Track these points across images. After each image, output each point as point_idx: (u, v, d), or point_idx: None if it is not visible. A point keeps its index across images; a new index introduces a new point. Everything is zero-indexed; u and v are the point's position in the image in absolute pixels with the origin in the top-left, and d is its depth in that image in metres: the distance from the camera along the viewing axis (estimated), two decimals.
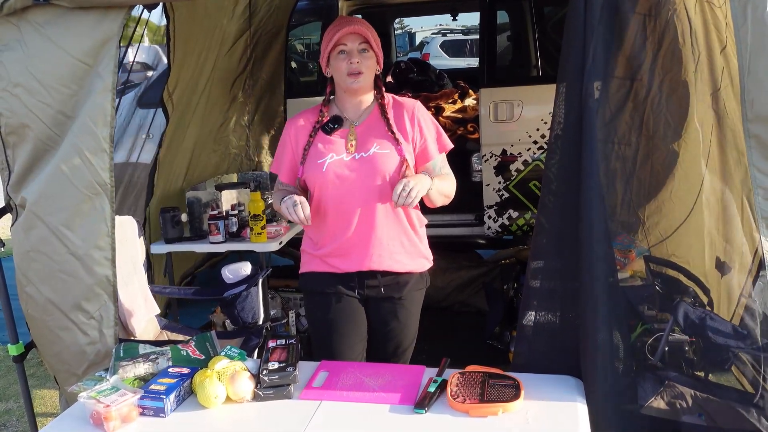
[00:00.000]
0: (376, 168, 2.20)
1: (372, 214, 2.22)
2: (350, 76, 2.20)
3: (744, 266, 2.66)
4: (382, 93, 2.32)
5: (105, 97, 2.16)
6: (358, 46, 2.20)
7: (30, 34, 2.15)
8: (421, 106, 2.35)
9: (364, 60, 2.20)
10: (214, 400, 1.86)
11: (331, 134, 2.26)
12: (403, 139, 2.25)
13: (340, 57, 2.20)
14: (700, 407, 2.19)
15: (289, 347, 2.10)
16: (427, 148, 2.30)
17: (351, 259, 2.27)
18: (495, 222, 4.50)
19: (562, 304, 2.03)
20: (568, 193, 1.98)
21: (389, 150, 2.23)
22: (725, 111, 2.59)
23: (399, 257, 2.29)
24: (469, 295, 4.68)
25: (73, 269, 2.27)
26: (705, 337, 2.32)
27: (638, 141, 2.60)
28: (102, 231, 2.26)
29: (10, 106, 2.21)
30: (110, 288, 2.31)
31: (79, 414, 1.87)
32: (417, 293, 2.39)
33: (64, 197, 2.22)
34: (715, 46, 2.50)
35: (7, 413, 3.68)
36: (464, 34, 15.68)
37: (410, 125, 2.28)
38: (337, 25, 2.22)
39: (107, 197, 2.24)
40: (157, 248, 3.95)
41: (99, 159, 2.20)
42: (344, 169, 2.21)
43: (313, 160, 2.24)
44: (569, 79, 1.96)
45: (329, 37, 2.22)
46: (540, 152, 4.30)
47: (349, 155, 2.22)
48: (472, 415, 1.75)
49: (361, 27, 2.21)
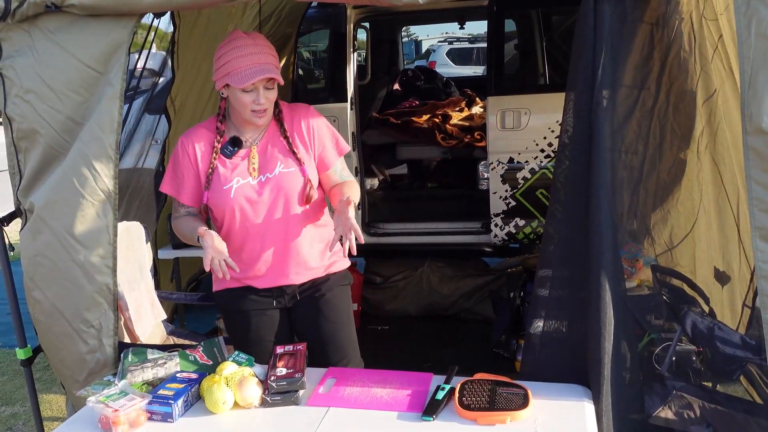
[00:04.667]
0: (282, 187, 2.17)
1: (284, 233, 2.20)
2: (255, 113, 2.11)
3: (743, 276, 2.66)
4: (279, 107, 2.23)
5: (113, 104, 2.17)
6: (265, 85, 2.09)
7: (41, 41, 2.16)
8: (313, 110, 2.29)
9: (270, 95, 2.11)
10: (222, 406, 1.86)
11: (231, 157, 2.19)
12: (305, 153, 2.21)
13: (246, 95, 2.08)
14: (708, 418, 2.18)
15: (296, 353, 2.10)
16: (326, 156, 2.26)
17: (266, 278, 2.25)
18: (502, 230, 4.49)
19: (570, 313, 2.03)
20: (576, 202, 1.98)
21: (293, 168, 2.19)
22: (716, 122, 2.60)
23: (315, 264, 2.27)
24: (475, 303, 4.67)
25: (75, 276, 2.27)
26: (713, 347, 2.31)
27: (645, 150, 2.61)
28: (104, 239, 2.25)
29: (21, 111, 2.22)
30: (110, 297, 2.30)
31: (87, 418, 1.87)
32: (340, 288, 2.34)
33: (68, 203, 2.22)
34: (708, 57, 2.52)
35: (14, 417, 3.68)
36: (470, 43, 15.72)
37: (307, 135, 2.23)
38: (242, 56, 2.04)
39: (110, 205, 2.24)
40: (165, 253, 3.96)
41: (104, 166, 2.20)
42: (252, 192, 2.16)
43: (218, 186, 2.17)
44: (578, 88, 1.96)
45: (232, 67, 2.05)
46: (547, 161, 4.30)
47: (254, 179, 2.17)
48: (480, 423, 1.75)
49: (271, 66, 2.06)
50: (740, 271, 2.69)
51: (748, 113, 1.69)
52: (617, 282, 1.93)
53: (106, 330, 2.31)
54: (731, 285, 2.73)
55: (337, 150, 2.29)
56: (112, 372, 2.22)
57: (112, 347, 2.32)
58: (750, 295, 2.63)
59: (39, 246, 2.30)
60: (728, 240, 2.71)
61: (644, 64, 2.39)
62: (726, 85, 2.55)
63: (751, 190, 1.73)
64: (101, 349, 2.32)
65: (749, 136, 1.70)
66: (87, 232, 2.24)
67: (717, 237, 2.75)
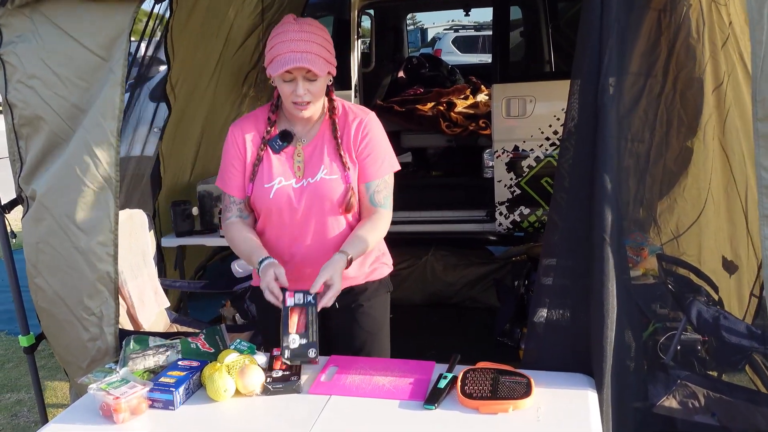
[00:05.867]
0: (323, 195, 2.07)
1: (322, 238, 2.10)
2: (296, 105, 2.01)
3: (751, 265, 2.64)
4: (334, 105, 2.11)
5: (115, 91, 2.15)
6: (305, 75, 1.97)
7: (44, 26, 2.15)
8: (375, 117, 2.15)
9: (312, 87, 1.98)
10: (224, 394, 1.86)
11: (279, 152, 2.10)
12: (350, 160, 2.09)
13: (286, 84, 1.99)
14: (712, 407, 2.17)
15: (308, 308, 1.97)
16: (366, 168, 2.10)
17: (302, 284, 2.05)
18: (506, 218, 4.48)
19: (574, 301, 2.02)
20: (580, 191, 1.97)
21: (337, 175, 2.07)
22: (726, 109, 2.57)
23: (354, 273, 2.13)
24: (480, 291, 4.66)
25: (77, 263, 2.26)
26: (718, 336, 2.30)
27: (651, 138, 2.59)
28: (105, 226, 2.23)
29: (24, 97, 2.20)
30: (111, 285, 2.28)
31: (88, 405, 1.87)
32: (379, 298, 2.25)
33: (70, 190, 2.21)
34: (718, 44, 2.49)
35: (19, 404, 3.70)
36: (476, 30, 15.64)
37: (354, 139, 2.09)
38: (284, 42, 1.95)
39: (112, 192, 2.22)
40: (168, 241, 3.96)
41: (105, 153, 2.18)
42: (291, 196, 2.07)
43: (260, 182, 2.09)
44: (584, 75, 1.94)
45: (274, 53, 1.97)
46: (552, 149, 4.28)
47: (298, 182, 2.08)
48: (482, 411, 1.74)
49: (312, 56, 1.94)
50: (748, 260, 2.67)
51: (760, 99, 1.66)
52: (621, 271, 1.92)
53: (108, 318, 2.31)
54: (739, 274, 2.71)
55: (381, 168, 2.11)
56: (113, 359, 2.22)
57: (113, 335, 2.32)
58: (758, 284, 2.61)
59: (41, 233, 2.29)
60: (736, 228, 2.69)
61: (651, 51, 2.36)
62: (737, 71, 2.52)
63: (760, 177, 1.70)
64: (102, 336, 2.31)
65: (760, 122, 1.67)
66: (88, 219, 2.23)
67: (725, 226, 2.73)
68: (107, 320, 2.31)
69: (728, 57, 2.50)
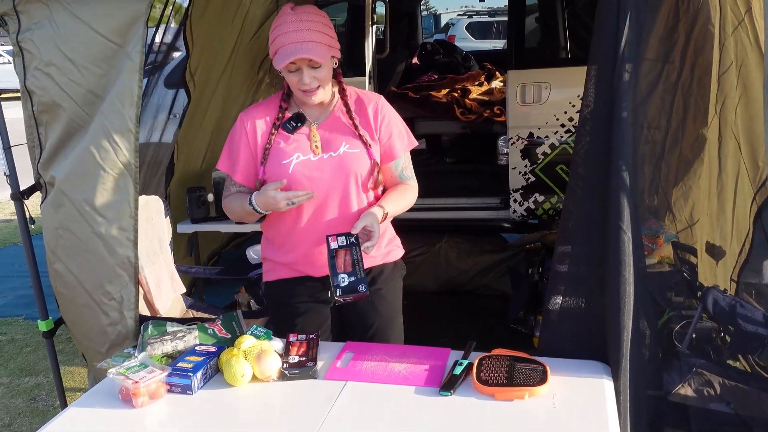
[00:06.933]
0: (347, 168, 2.07)
1: (344, 216, 2.09)
2: (304, 93, 2.03)
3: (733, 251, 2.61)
4: (343, 87, 2.14)
5: (132, 78, 2.16)
6: (308, 63, 1.98)
7: (59, 13, 2.15)
8: (385, 101, 2.20)
9: (318, 74, 2.00)
10: (241, 379, 1.88)
11: (293, 133, 2.10)
12: (370, 139, 2.12)
13: (291, 74, 2.01)
14: (727, 395, 2.17)
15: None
16: (393, 147, 2.16)
17: (321, 265, 2.10)
18: (521, 206, 4.46)
19: (589, 289, 2.02)
20: (596, 178, 1.96)
21: (359, 150, 2.09)
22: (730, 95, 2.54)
23: (372, 253, 2.13)
24: (493, 278, 4.67)
25: (97, 248, 2.28)
26: (735, 324, 2.29)
27: (668, 125, 2.56)
28: (125, 212, 2.25)
29: (42, 84, 2.22)
30: (131, 270, 2.30)
31: (108, 390, 1.89)
32: (394, 281, 2.27)
33: (90, 176, 2.23)
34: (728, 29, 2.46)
35: (37, 387, 3.75)
36: (490, 16, 15.53)
37: (374, 122, 2.13)
38: (285, 34, 1.97)
39: (131, 178, 2.24)
40: (183, 228, 3.99)
41: (125, 139, 2.20)
42: (312, 169, 2.06)
43: (276, 161, 2.08)
44: (600, 61, 1.92)
45: (277, 45, 1.99)
46: (567, 136, 4.25)
47: (316, 156, 2.08)
48: (498, 398, 1.74)
49: (313, 45, 1.96)
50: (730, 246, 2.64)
51: None
52: (638, 258, 1.91)
53: (127, 302, 2.33)
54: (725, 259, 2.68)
55: (405, 143, 2.19)
56: (132, 344, 2.24)
57: (133, 320, 2.34)
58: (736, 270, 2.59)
59: (61, 218, 2.31)
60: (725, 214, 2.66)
61: (668, 36, 2.34)
62: (750, 58, 2.49)
63: None
64: (122, 321, 2.33)
65: None
66: (108, 204, 2.25)
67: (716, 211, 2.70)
68: (127, 304, 2.33)
69: (741, 43, 2.47)
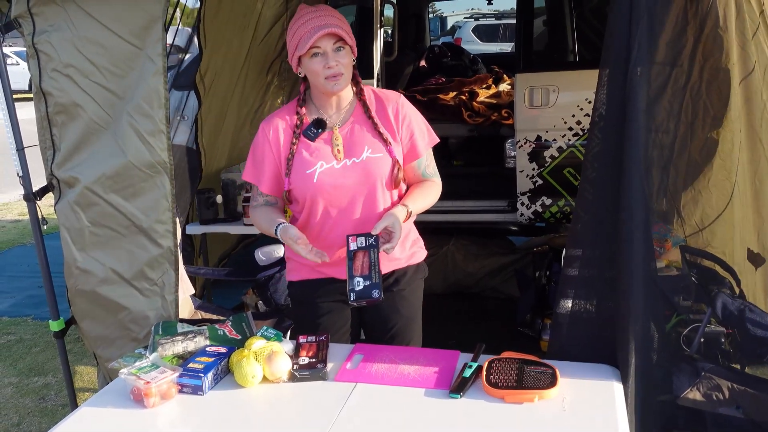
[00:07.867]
0: (372, 174, 2.08)
1: (368, 221, 2.08)
2: (329, 79, 2.03)
3: None
4: (361, 87, 2.16)
5: (158, 81, 2.21)
6: (332, 46, 2.01)
7: (77, 14, 2.18)
8: (405, 99, 2.20)
9: (341, 59, 2.03)
10: (251, 380, 1.89)
11: (314, 140, 2.11)
12: (391, 138, 2.13)
13: (315, 60, 2.02)
14: (737, 400, 2.17)
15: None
16: (416, 145, 2.17)
17: (345, 268, 2.06)
18: (528, 209, 4.46)
19: (599, 293, 2.02)
20: (606, 181, 1.96)
21: (382, 153, 2.10)
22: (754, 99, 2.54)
23: (399, 254, 2.18)
24: (501, 281, 4.67)
25: (138, 240, 2.37)
26: (744, 329, 2.29)
27: (677, 128, 2.56)
28: (163, 206, 2.33)
29: (61, 85, 2.25)
30: (172, 257, 2.38)
31: (119, 390, 1.91)
32: (416, 282, 2.28)
33: (125, 177, 2.31)
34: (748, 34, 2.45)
35: (46, 387, 3.77)
36: (497, 19, 15.54)
37: (395, 121, 2.14)
38: (304, 23, 2.01)
39: (167, 175, 2.31)
40: (192, 229, 4.01)
41: (157, 140, 2.27)
42: (336, 177, 2.08)
43: (300, 171, 2.09)
44: (612, 65, 1.93)
45: (297, 36, 2.02)
46: (575, 139, 4.25)
47: (339, 162, 2.08)
48: (507, 401, 1.75)
49: (334, 25, 2.00)
50: None
51: None
52: (648, 262, 1.92)
53: (169, 286, 2.40)
54: (765, 267, 2.69)
55: (426, 140, 2.21)
56: (143, 345, 2.26)
57: (174, 303, 2.41)
58: None
59: (92, 217, 2.37)
60: (764, 221, 2.66)
61: (677, 40, 2.33)
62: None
63: None
64: (164, 305, 2.40)
65: None
66: (146, 201, 2.33)
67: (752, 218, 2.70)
68: (168, 288, 2.40)
69: (759, 46, 2.47)
